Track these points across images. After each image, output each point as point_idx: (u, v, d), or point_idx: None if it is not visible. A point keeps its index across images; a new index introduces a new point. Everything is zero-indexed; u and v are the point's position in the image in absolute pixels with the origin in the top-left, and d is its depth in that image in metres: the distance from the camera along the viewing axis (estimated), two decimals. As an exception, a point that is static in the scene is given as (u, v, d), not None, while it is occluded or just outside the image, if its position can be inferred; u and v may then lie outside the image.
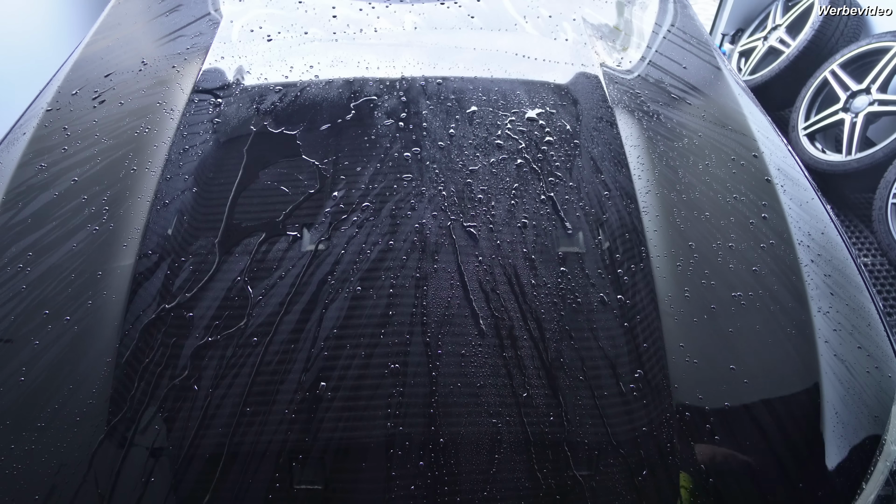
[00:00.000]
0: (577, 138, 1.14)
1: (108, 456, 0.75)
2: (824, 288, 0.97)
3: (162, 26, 1.52)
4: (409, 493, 0.74)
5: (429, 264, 0.93)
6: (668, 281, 0.94)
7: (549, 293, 0.91)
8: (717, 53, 1.53)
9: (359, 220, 0.98)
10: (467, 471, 0.75)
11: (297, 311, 0.87)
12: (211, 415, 0.78)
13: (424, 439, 0.77)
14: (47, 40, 2.74)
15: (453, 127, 1.14)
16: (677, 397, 0.82)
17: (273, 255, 0.94)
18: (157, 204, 1.02)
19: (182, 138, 1.13)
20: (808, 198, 1.13)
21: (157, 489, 0.73)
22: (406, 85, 1.23)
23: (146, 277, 0.92)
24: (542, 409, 0.80)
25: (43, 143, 1.15)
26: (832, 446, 0.81)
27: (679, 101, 1.31)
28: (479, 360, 0.83)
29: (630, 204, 1.04)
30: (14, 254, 0.95)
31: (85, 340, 0.85)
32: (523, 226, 0.99)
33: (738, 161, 1.15)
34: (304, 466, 0.76)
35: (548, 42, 1.45)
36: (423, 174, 1.05)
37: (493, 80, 1.26)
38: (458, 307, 0.88)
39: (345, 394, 0.80)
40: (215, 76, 1.28)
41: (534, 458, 0.76)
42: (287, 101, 1.20)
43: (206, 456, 0.76)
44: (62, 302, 0.89)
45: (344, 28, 1.43)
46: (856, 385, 0.88)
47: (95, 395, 0.80)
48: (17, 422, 0.78)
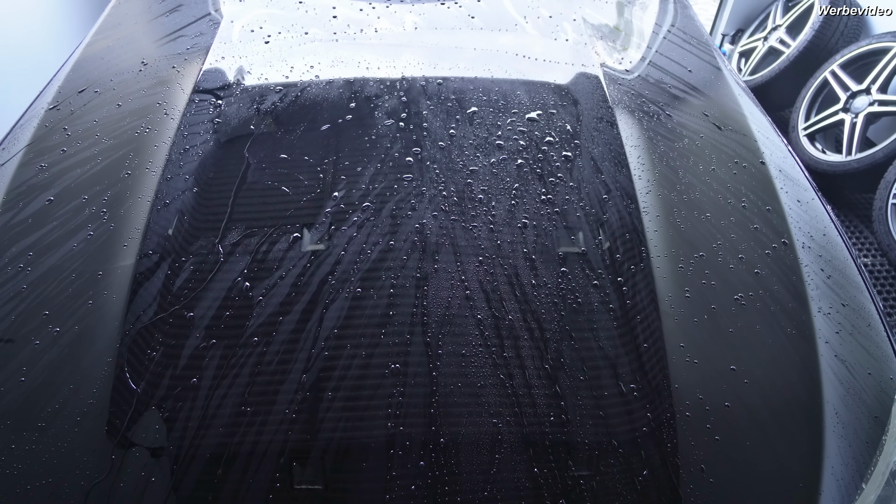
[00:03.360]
0: (577, 138, 1.14)
1: (109, 456, 0.75)
2: (824, 288, 0.97)
3: (162, 26, 1.52)
4: (409, 493, 0.74)
5: (429, 264, 0.93)
6: (669, 281, 0.94)
7: (550, 293, 0.91)
8: (718, 54, 1.53)
9: (359, 221, 0.98)
10: (467, 471, 0.75)
11: (297, 311, 0.87)
12: (211, 415, 0.78)
13: (425, 439, 0.77)
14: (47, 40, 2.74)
15: (453, 127, 1.14)
16: (677, 397, 0.82)
17: (273, 256, 0.94)
18: (158, 204, 1.02)
19: (182, 138, 1.13)
20: (808, 198, 1.13)
21: (157, 489, 0.73)
22: (406, 85, 1.23)
23: (146, 277, 0.92)
24: (543, 409, 0.80)
25: (43, 143, 1.15)
26: (832, 446, 0.81)
27: (679, 101, 1.31)
28: (479, 360, 0.83)
29: (630, 204, 1.04)
30: (14, 254, 0.95)
31: (85, 340, 0.85)
32: (524, 226, 0.99)
33: (739, 161, 1.15)
34: (304, 466, 0.76)
35: (548, 42, 1.45)
36: (424, 174, 1.05)
37: (493, 80, 1.26)
38: (458, 307, 0.88)
39: (345, 394, 0.80)
40: (216, 76, 1.28)
41: (534, 458, 0.76)
42: (287, 102, 1.20)
43: (206, 456, 0.76)
44: (62, 302, 0.89)
45: (344, 28, 1.43)
46: (856, 385, 0.88)
47: (95, 395, 0.80)
48: (17, 422, 0.78)
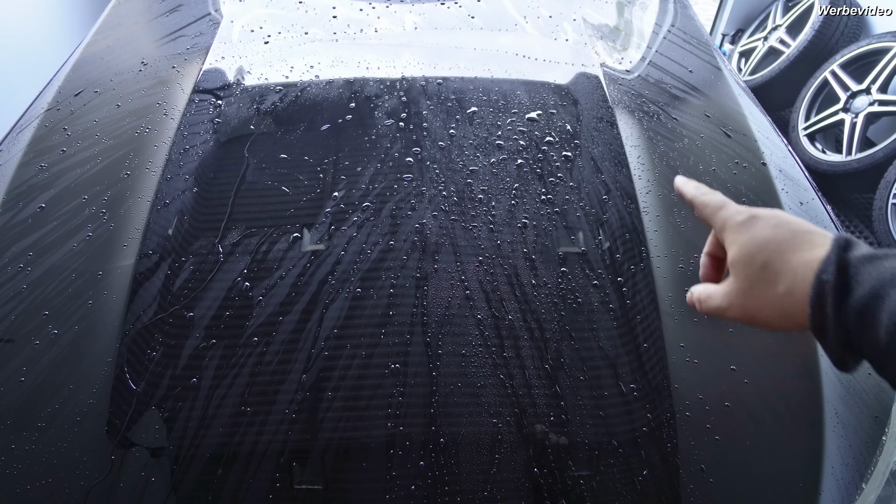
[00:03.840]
0: (577, 138, 1.14)
1: (109, 456, 0.75)
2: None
3: (162, 26, 1.52)
4: (409, 493, 0.74)
5: (429, 264, 0.93)
6: (669, 281, 0.94)
7: (550, 293, 0.91)
8: (718, 54, 1.53)
9: (359, 220, 0.98)
10: (467, 471, 0.75)
11: (297, 311, 0.87)
12: (211, 415, 0.78)
13: (425, 439, 0.77)
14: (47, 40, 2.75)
15: (453, 127, 1.14)
16: (677, 397, 0.82)
17: (273, 255, 0.94)
18: (158, 204, 1.02)
19: (182, 138, 1.13)
20: (808, 198, 1.13)
21: (157, 489, 0.73)
22: (406, 85, 1.23)
23: (146, 277, 0.92)
24: (543, 409, 0.80)
25: (43, 143, 1.15)
26: (832, 446, 0.81)
27: (679, 101, 1.31)
28: (479, 360, 0.83)
29: (630, 204, 1.04)
30: (14, 254, 0.95)
31: (85, 340, 0.85)
32: (524, 226, 0.99)
33: (739, 161, 1.15)
34: (304, 466, 0.76)
35: (548, 42, 1.45)
36: (424, 174, 1.05)
37: (493, 80, 1.26)
38: (458, 307, 0.88)
39: (345, 394, 0.80)
40: (215, 76, 1.28)
41: (534, 459, 0.76)
42: (287, 102, 1.20)
43: (206, 456, 0.76)
44: (62, 302, 0.89)
45: (344, 28, 1.43)
46: (856, 385, 0.88)
47: (95, 395, 0.80)
48: (17, 422, 0.78)
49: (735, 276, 0.46)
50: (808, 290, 0.39)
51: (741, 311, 0.45)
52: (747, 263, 0.44)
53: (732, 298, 0.46)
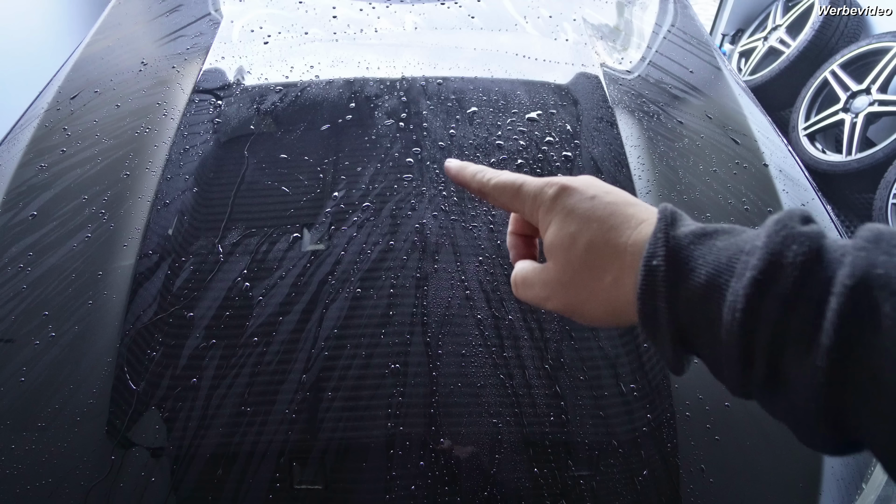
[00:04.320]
0: (577, 138, 1.14)
1: (109, 456, 0.75)
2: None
3: (162, 26, 1.52)
4: (409, 493, 0.74)
5: (429, 264, 0.93)
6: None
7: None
8: (718, 54, 1.54)
9: (359, 221, 0.98)
10: (467, 471, 0.75)
11: (297, 311, 0.87)
12: (211, 415, 0.78)
13: (425, 439, 0.77)
14: (47, 40, 2.75)
15: (454, 127, 1.14)
16: (677, 397, 0.82)
17: (273, 256, 0.94)
18: (158, 204, 1.02)
19: (182, 138, 1.13)
20: (808, 198, 1.13)
21: (157, 489, 0.73)
22: (406, 85, 1.23)
23: (147, 278, 0.92)
24: (543, 408, 0.80)
25: (43, 143, 1.15)
26: (832, 446, 0.80)
27: (679, 101, 1.31)
28: (479, 361, 0.83)
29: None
30: (14, 254, 0.95)
31: (85, 340, 0.85)
32: (523, 226, 0.99)
33: (739, 161, 1.15)
34: (304, 466, 0.76)
35: (548, 42, 1.45)
36: (424, 174, 1.05)
37: (493, 80, 1.26)
38: (458, 307, 0.88)
39: (345, 394, 0.80)
40: (216, 76, 1.28)
41: (534, 458, 0.76)
42: (287, 102, 1.20)
43: (206, 456, 0.76)
44: (62, 302, 0.89)
45: (344, 28, 1.43)
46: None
47: (95, 395, 0.80)
48: (17, 422, 0.78)
49: (554, 264, 0.39)
50: (636, 280, 0.33)
51: (562, 305, 0.39)
52: (568, 247, 0.38)
53: (552, 289, 0.40)
